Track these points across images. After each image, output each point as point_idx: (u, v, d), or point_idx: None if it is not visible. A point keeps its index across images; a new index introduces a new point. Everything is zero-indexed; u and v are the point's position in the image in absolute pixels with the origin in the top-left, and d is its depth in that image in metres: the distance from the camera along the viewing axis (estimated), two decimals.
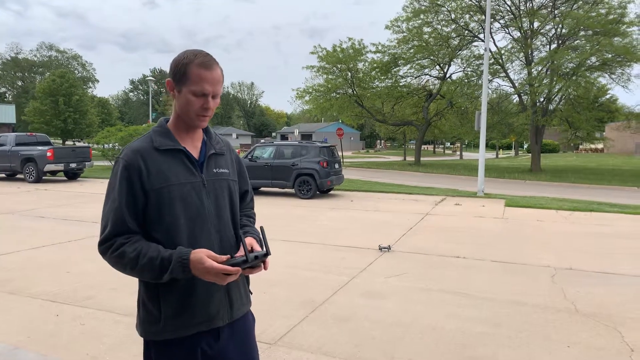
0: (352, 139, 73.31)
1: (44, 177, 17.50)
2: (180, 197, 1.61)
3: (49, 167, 16.94)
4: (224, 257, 1.53)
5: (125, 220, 1.57)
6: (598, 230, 8.82)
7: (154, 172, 1.60)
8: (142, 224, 1.62)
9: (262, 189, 14.82)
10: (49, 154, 16.78)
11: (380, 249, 7.04)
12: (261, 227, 1.66)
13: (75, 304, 4.60)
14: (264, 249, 1.60)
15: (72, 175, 18.57)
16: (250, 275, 1.76)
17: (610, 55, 23.22)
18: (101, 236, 1.60)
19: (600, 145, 59.73)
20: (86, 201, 12.24)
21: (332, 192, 14.79)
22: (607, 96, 30.07)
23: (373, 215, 10.42)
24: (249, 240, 1.70)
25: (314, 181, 13.13)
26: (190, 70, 1.60)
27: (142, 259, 1.53)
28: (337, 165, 14.15)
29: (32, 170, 16.96)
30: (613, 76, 25.19)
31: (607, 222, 9.68)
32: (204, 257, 1.51)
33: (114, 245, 1.56)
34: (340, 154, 21.33)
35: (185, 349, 1.63)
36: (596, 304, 4.76)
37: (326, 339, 3.86)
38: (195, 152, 1.71)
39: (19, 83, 56.78)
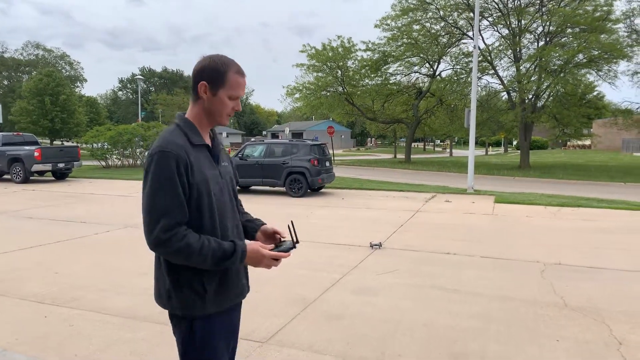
0: (342, 137, 73.38)
1: (31, 178, 17.29)
2: (213, 189, 1.80)
3: (37, 167, 16.72)
4: (271, 246, 1.87)
5: (184, 210, 1.70)
6: (586, 225, 8.92)
7: (195, 167, 1.75)
8: None
9: (253, 187, 14.78)
10: (36, 153, 16.57)
11: (372, 246, 7.06)
12: (291, 222, 1.93)
13: (63, 305, 4.55)
14: (296, 238, 1.92)
15: (60, 176, 18.36)
16: None
17: (597, 52, 23.47)
18: (160, 225, 1.65)
19: (587, 142, 60.34)
20: (74, 201, 12.12)
21: (323, 190, 14.79)
22: (595, 93, 30.42)
23: (364, 213, 10.43)
24: (272, 227, 2.02)
25: (305, 179, 13.11)
26: (229, 76, 1.80)
27: (205, 250, 1.68)
28: (327, 163, 14.14)
29: (20, 171, 16.75)
30: (600, 73, 25.48)
31: (594, 217, 9.79)
32: (259, 247, 1.80)
33: (178, 235, 1.66)
34: (331, 152, 21.33)
35: (224, 320, 1.87)
36: (585, 298, 4.81)
37: (317, 337, 3.86)
38: None
39: (5, 82, 55.87)
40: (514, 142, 68.02)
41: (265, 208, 11.17)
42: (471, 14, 26.11)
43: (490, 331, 3.98)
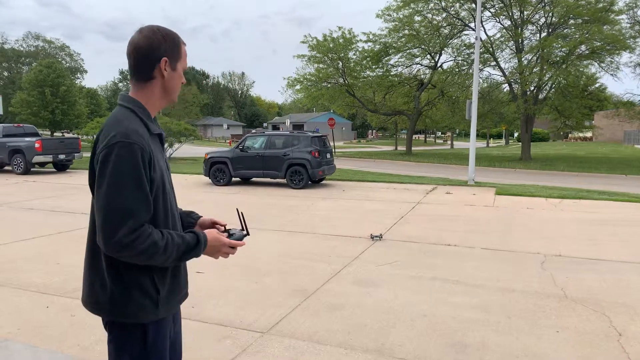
0: (343, 129, 73.16)
1: (32, 169, 17.30)
2: (167, 183, 1.66)
3: (37, 158, 16.73)
4: (225, 234, 1.75)
5: (151, 208, 1.53)
6: (587, 217, 8.92)
7: (155, 160, 1.58)
8: None
9: (254, 179, 14.78)
10: (37, 145, 16.57)
11: (372, 237, 7.07)
12: (238, 210, 1.84)
13: (65, 296, 4.57)
14: (246, 229, 1.85)
15: (61, 167, 18.36)
16: (242, 265, 1.88)
17: (599, 44, 23.33)
18: (126, 227, 1.44)
19: (589, 134, 60.21)
20: (75, 193, 12.13)
21: (323, 182, 14.78)
22: (597, 85, 30.30)
23: (365, 205, 10.44)
24: (209, 218, 1.90)
25: (306, 171, 13.10)
26: (181, 47, 1.67)
27: (170, 246, 1.53)
28: (328, 155, 14.13)
29: (20, 162, 16.75)
30: (602, 65, 25.35)
31: (595, 209, 9.78)
32: (217, 236, 1.69)
33: (143, 235, 1.47)
34: (331, 143, 21.32)
35: (169, 324, 1.72)
36: (585, 289, 4.82)
37: (318, 327, 3.87)
38: None
39: (6, 74, 55.61)
40: (515, 134, 67.88)
41: (266, 200, 11.18)
42: (473, 5, 25.93)
43: (490, 322, 3.99)
